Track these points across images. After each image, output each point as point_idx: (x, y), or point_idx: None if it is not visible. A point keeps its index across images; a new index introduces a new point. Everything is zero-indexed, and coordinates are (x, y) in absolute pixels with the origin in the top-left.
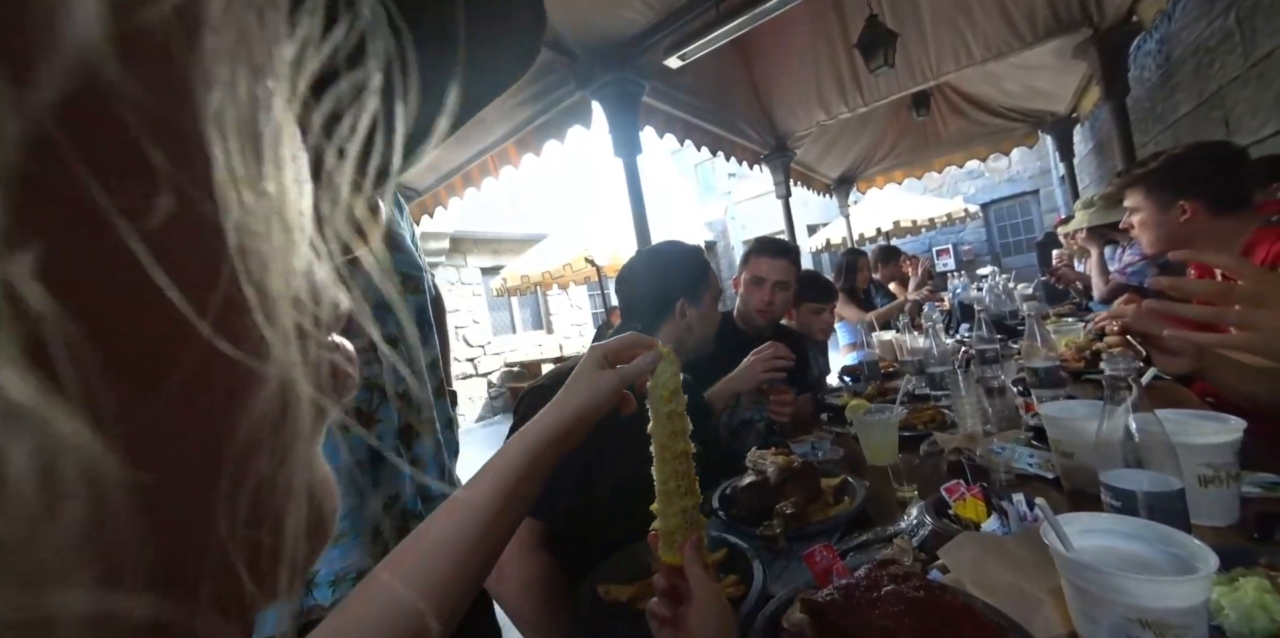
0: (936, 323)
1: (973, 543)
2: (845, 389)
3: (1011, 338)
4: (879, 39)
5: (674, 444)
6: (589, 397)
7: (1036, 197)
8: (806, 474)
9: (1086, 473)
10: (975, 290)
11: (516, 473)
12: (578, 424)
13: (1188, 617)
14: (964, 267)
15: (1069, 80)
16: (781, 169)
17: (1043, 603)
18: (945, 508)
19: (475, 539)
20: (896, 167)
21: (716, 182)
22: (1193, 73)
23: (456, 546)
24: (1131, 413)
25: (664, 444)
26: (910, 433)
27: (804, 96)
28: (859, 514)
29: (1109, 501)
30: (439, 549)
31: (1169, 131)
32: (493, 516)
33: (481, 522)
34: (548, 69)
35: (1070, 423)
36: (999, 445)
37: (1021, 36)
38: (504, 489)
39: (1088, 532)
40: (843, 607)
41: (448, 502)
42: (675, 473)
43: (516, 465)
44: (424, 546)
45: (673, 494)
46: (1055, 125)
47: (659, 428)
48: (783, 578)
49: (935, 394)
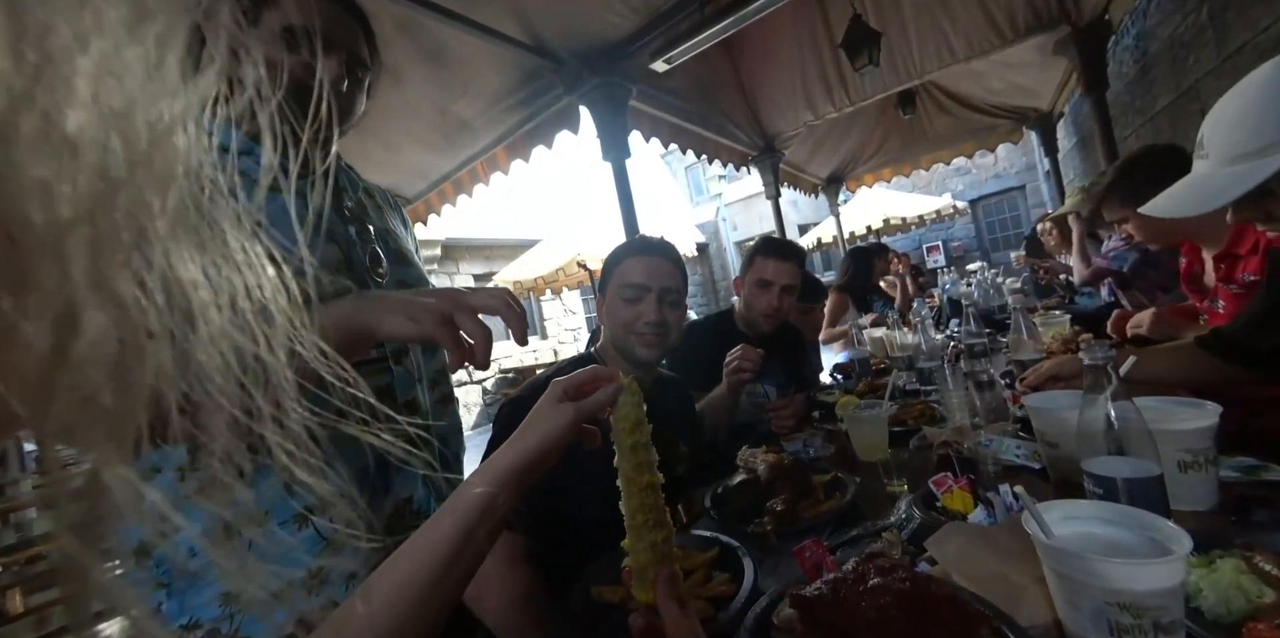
0: (926, 319)
1: (959, 534)
2: (837, 386)
3: (1000, 332)
4: (863, 38)
5: (639, 477)
6: (547, 431)
7: (1023, 192)
8: (797, 472)
9: (1071, 462)
10: (965, 286)
11: (476, 512)
12: (539, 459)
13: (1164, 598)
14: (954, 263)
15: (1051, 77)
16: (770, 170)
17: (1027, 591)
18: (933, 501)
19: (435, 579)
20: (885, 165)
21: (707, 184)
22: (1169, 67)
23: (417, 585)
24: (1111, 402)
25: (630, 477)
26: (901, 428)
27: (791, 97)
28: (850, 510)
29: (1091, 488)
30: (401, 589)
31: (1149, 125)
32: (451, 556)
33: (441, 561)
34: (535, 74)
35: (1054, 413)
36: (987, 438)
37: (1002, 34)
38: (463, 528)
39: (1069, 519)
40: (830, 601)
41: (411, 539)
42: (643, 506)
43: (475, 505)
44: (386, 585)
45: (641, 528)
46: (1039, 121)
47: (623, 461)
48: (774, 575)
49: (925, 389)
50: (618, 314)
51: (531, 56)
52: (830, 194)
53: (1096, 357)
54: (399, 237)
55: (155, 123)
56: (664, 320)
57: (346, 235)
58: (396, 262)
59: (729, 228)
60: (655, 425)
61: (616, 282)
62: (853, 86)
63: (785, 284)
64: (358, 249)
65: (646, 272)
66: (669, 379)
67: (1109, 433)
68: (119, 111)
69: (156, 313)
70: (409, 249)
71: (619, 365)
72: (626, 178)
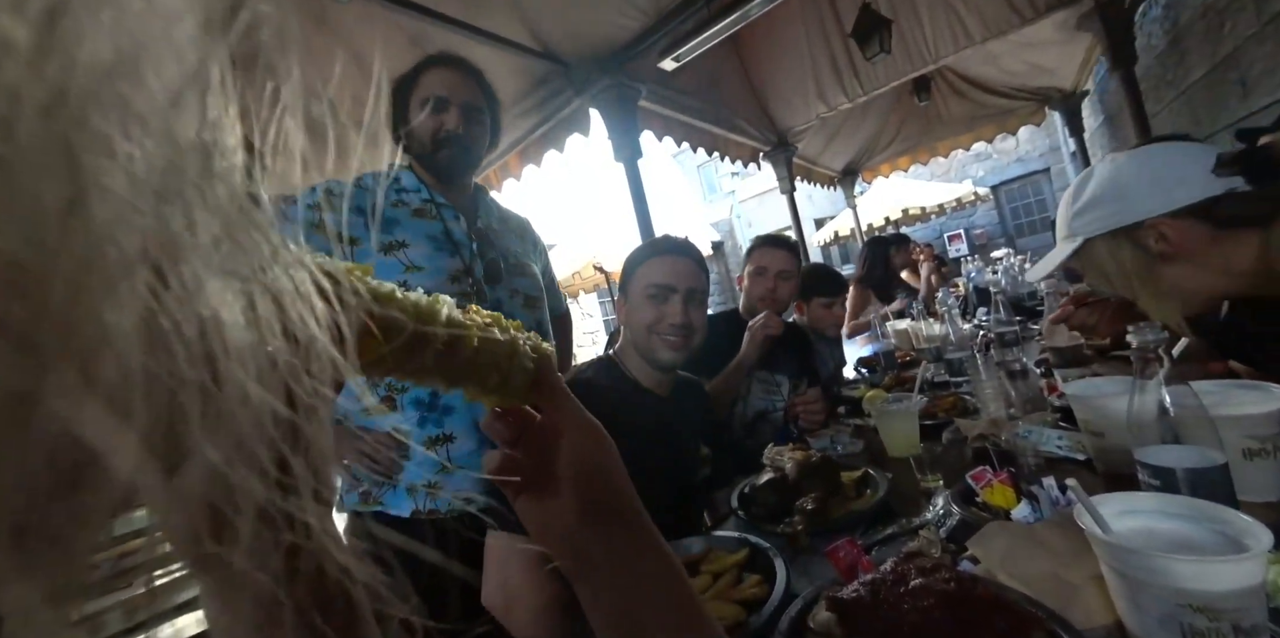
0: (952, 309)
1: (1003, 532)
2: (862, 381)
3: (1030, 319)
4: (874, 26)
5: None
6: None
7: (1048, 175)
8: (826, 469)
9: (1120, 453)
10: (990, 274)
11: None
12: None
13: (1243, 599)
14: (977, 251)
15: (1073, 54)
16: (784, 165)
17: (1081, 591)
18: (972, 496)
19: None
20: (901, 154)
21: (720, 181)
22: (1203, 36)
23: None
24: (1164, 386)
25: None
26: (931, 421)
27: (801, 90)
28: (883, 507)
29: (1146, 479)
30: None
31: (1182, 98)
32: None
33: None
34: (544, 79)
35: (1098, 401)
36: (1025, 429)
37: (1020, 13)
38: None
39: (1126, 513)
40: (870, 603)
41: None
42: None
43: None
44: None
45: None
46: (1062, 101)
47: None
48: (807, 576)
49: (955, 381)
50: (641, 315)
51: (540, 62)
52: (846, 186)
53: (1146, 339)
54: (518, 253)
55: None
56: (690, 322)
57: (470, 250)
58: (512, 273)
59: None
60: (676, 428)
61: (640, 282)
62: (865, 75)
63: (780, 269)
64: (478, 261)
65: (672, 272)
66: (689, 381)
67: (1163, 420)
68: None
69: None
70: (527, 264)
71: (639, 368)
72: (639, 178)
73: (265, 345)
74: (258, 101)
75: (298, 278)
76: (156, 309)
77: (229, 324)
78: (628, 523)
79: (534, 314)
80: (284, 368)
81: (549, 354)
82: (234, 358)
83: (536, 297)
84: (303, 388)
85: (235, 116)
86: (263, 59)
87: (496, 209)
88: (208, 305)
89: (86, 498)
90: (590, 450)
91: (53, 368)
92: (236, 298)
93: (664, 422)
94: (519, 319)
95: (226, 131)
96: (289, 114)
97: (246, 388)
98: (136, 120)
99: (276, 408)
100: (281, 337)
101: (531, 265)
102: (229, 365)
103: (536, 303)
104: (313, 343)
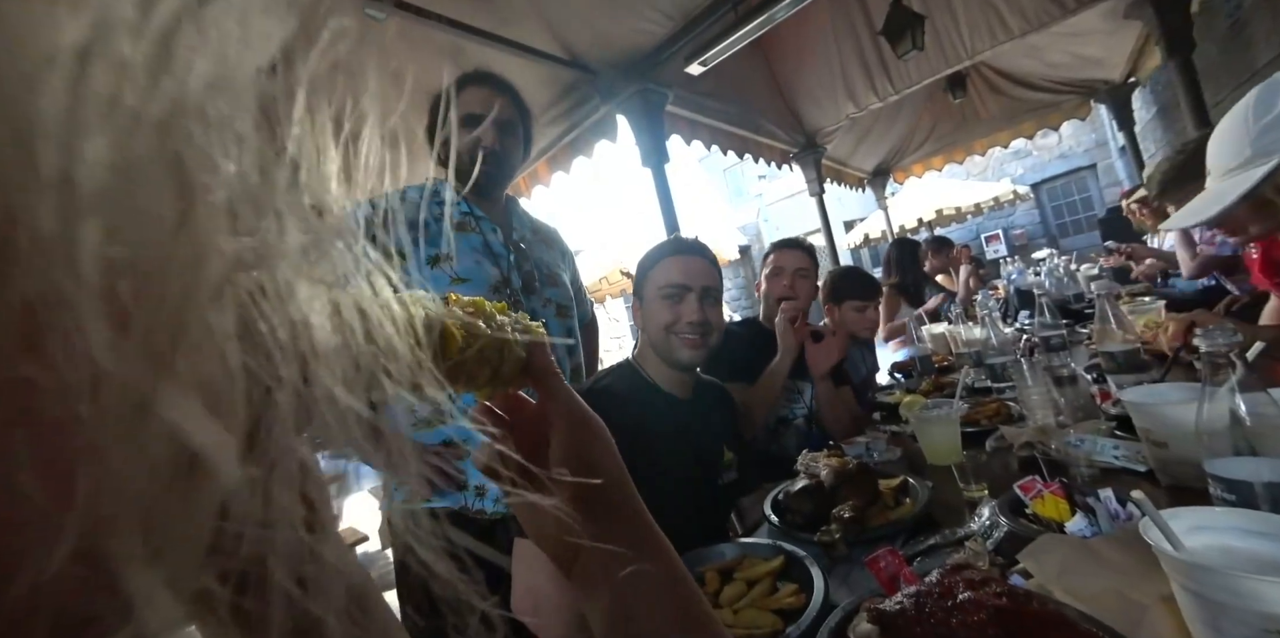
0: (993, 311)
1: (1059, 545)
2: (897, 386)
3: (1077, 323)
4: (905, 24)
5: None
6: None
7: (1094, 171)
8: (863, 476)
9: (1186, 464)
10: (1032, 275)
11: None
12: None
13: None
14: (1016, 252)
15: (1122, 43)
16: (813, 166)
17: (1149, 611)
18: (1021, 507)
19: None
20: (935, 153)
21: (746, 185)
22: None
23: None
24: (1238, 393)
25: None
26: (973, 429)
27: (830, 90)
28: (923, 517)
29: (1219, 494)
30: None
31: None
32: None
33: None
34: (572, 87)
35: (1161, 409)
36: (1077, 437)
37: (1063, 3)
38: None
39: (1198, 529)
40: (915, 616)
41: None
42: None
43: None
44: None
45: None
46: (1110, 93)
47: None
48: (845, 587)
49: (997, 387)
50: (657, 316)
51: (569, 70)
52: (877, 187)
53: (1217, 343)
54: (549, 263)
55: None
56: (706, 320)
57: (508, 261)
58: (545, 283)
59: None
60: (697, 431)
61: (654, 284)
62: (896, 73)
63: (796, 268)
64: (515, 272)
65: (685, 271)
66: (710, 384)
67: (1237, 430)
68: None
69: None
70: (558, 273)
71: (658, 372)
72: (666, 183)
73: (350, 349)
74: (339, 115)
75: (378, 284)
76: (255, 314)
77: (317, 328)
78: (624, 521)
79: (565, 322)
80: (366, 371)
81: (540, 336)
82: (322, 361)
83: (567, 305)
84: (384, 391)
85: (321, 129)
86: (340, 74)
87: (529, 220)
88: (299, 310)
89: (197, 491)
90: (582, 444)
91: (168, 366)
92: (324, 304)
93: (685, 425)
94: (553, 328)
95: (311, 145)
96: (364, 127)
97: (333, 389)
98: (235, 136)
99: (360, 409)
100: (364, 340)
101: (562, 275)
102: (318, 367)
103: (567, 312)
104: (392, 346)
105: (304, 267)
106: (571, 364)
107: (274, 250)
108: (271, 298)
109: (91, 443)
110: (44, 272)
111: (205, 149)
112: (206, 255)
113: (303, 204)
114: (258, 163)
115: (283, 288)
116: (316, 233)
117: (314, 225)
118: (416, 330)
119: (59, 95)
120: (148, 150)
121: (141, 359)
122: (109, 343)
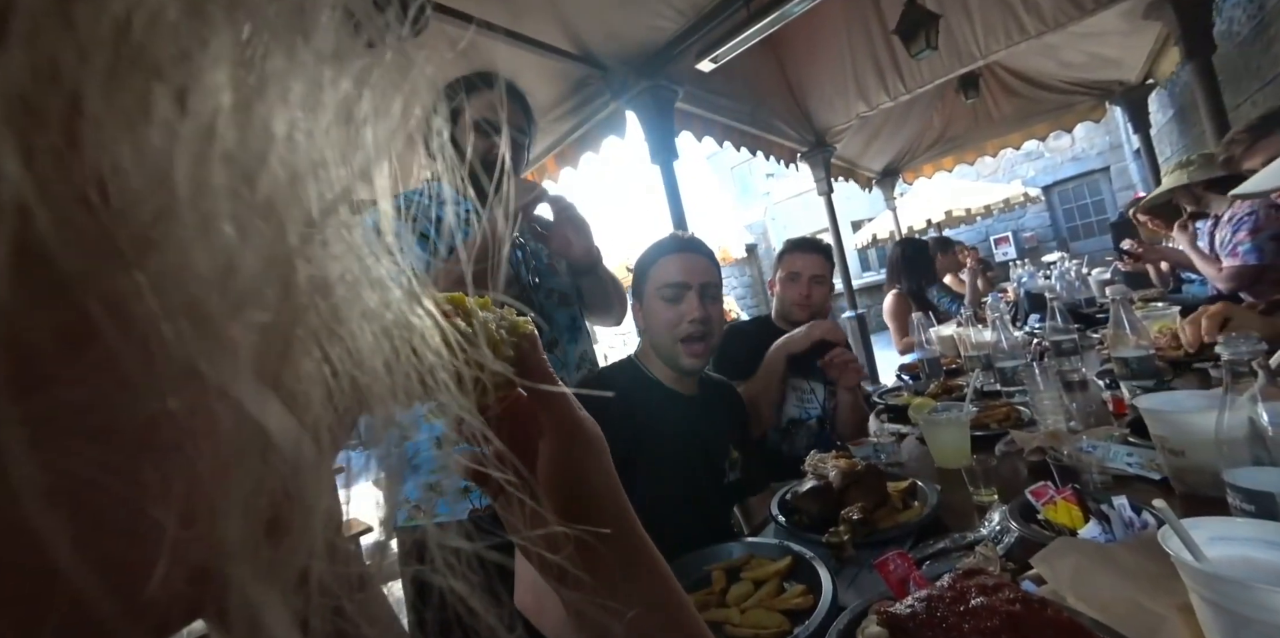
0: (1003, 314)
1: (1074, 551)
2: (905, 388)
3: (1089, 327)
4: (920, 22)
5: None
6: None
7: (1107, 174)
8: (872, 478)
9: (1204, 473)
10: (1044, 278)
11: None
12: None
13: None
14: (1026, 255)
15: (1140, 44)
16: (822, 165)
17: (1166, 621)
18: (1032, 513)
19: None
20: (946, 153)
21: (754, 183)
22: None
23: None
24: (1260, 402)
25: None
26: (982, 432)
27: (841, 89)
28: (932, 520)
29: (1238, 504)
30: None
31: (1269, 88)
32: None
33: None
34: (582, 83)
35: (1178, 417)
36: (1089, 443)
37: (1081, 3)
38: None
39: (1218, 540)
40: (928, 621)
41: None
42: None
43: None
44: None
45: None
46: (1126, 95)
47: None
48: (853, 589)
49: (1007, 390)
50: (659, 316)
51: (579, 65)
52: (885, 187)
53: (1240, 351)
54: (542, 255)
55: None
56: (708, 316)
57: (514, 258)
58: (547, 274)
59: (779, 227)
60: (701, 429)
61: (653, 284)
62: (908, 73)
63: (813, 274)
64: (522, 268)
65: (683, 269)
66: (716, 382)
67: (1256, 439)
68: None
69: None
70: (556, 261)
71: (660, 370)
72: (675, 180)
73: (402, 370)
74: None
75: (425, 306)
76: (320, 332)
77: (367, 350)
78: (613, 537)
79: (569, 311)
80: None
81: (530, 334)
82: (375, 379)
83: (569, 293)
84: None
85: (383, 153)
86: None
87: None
88: (350, 335)
89: (299, 523)
90: (569, 452)
91: (276, 389)
92: (374, 330)
93: (689, 421)
94: (557, 317)
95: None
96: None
97: (391, 411)
98: (306, 175)
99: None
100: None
101: (559, 261)
102: (373, 386)
103: (569, 300)
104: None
105: (355, 292)
106: (578, 352)
107: (332, 280)
108: (329, 320)
109: (214, 470)
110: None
111: (291, 188)
112: (293, 283)
113: (355, 230)
114: (325, 195)
115: (340, 311)
116: (362, 259)
117: (362, 251)
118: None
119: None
120: (266, 190)
121: (253, 384)
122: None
